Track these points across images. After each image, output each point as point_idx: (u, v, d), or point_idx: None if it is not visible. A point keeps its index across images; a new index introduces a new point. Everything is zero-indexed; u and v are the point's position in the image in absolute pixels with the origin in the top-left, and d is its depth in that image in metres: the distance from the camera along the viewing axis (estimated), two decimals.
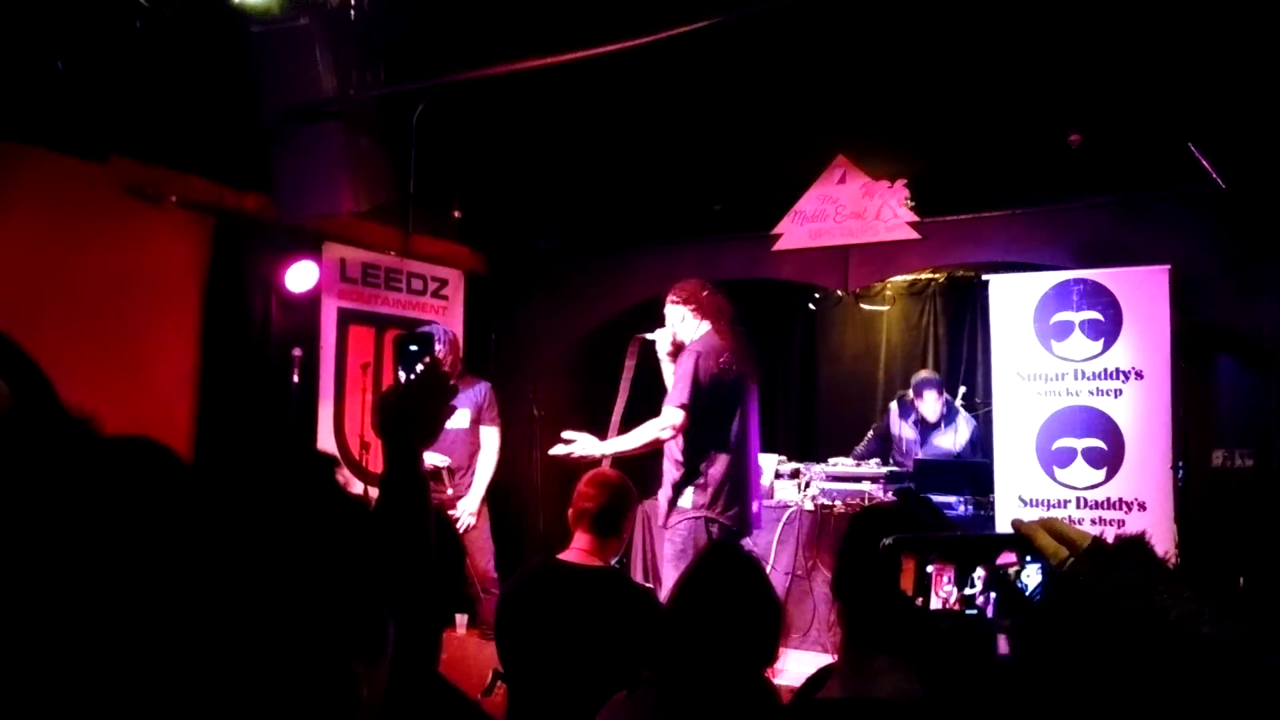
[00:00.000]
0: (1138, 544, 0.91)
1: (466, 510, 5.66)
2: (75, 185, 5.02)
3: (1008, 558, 1.02)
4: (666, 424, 4.37)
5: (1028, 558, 1.00)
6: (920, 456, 6.72)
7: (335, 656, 1.02)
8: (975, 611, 1.03)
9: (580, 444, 4.42)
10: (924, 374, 6.99)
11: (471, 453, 5.78)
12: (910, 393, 6.89)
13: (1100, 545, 0.93)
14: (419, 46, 4.90)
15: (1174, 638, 0.78)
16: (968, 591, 1.03)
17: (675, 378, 4.42)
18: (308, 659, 0.99)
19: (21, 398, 2.26)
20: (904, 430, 6.94)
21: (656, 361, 4.73)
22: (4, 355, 2.34)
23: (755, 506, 4.70)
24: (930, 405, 6.76)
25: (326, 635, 1.02)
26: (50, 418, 1.98)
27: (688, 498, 4.42)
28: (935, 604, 1.03)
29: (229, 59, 4.72)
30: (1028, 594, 0.99)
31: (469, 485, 5.74)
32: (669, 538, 4.48)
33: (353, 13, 4.37)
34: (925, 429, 6.84)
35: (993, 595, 1.02)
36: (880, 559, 1.04)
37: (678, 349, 4.59)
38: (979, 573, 1.03)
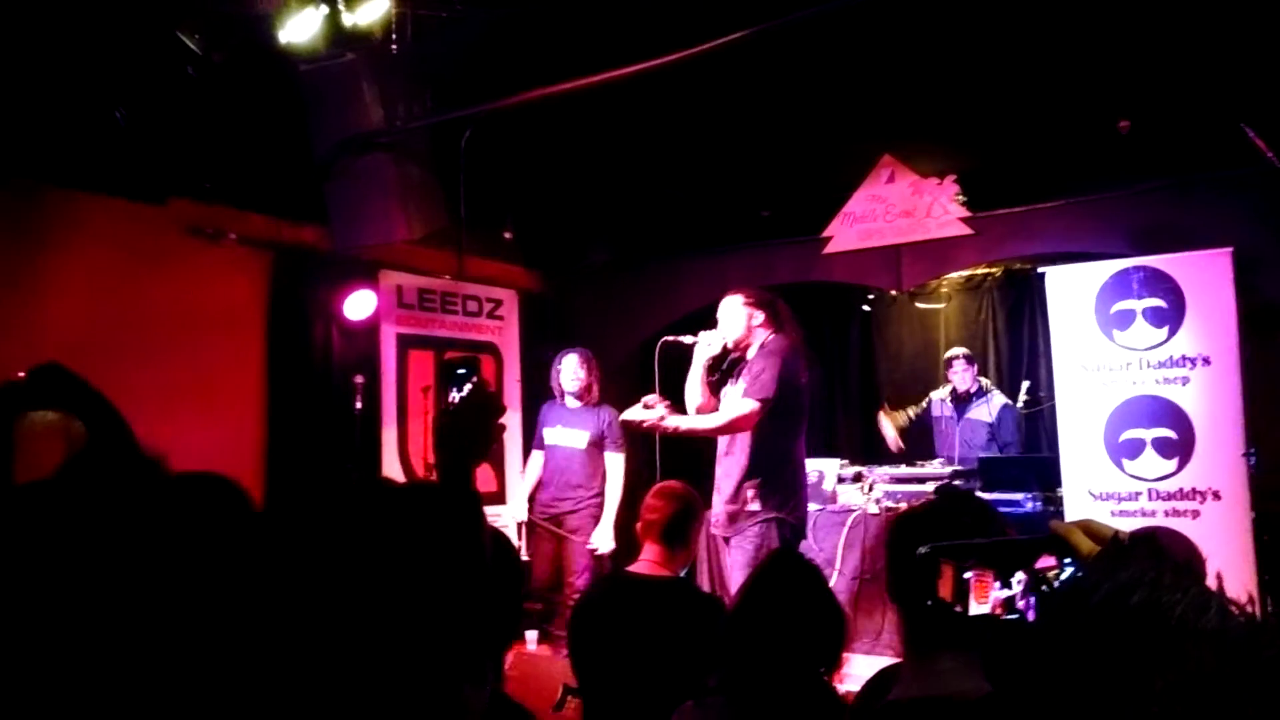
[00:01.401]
0: (1147, 539, 0.91)
1: (602, 541, 5.78)
2: (139, 229, 5.19)
3: (1047, 561, 1.02)
4: (742, 413, 4.32)
5: (1066, 560, 1.00)
6: (958, 432, 6.79)
7: (451, 683, 1.03)
8: (1016, 615, 1.03)
9: (655, 412, 4.41)
10: (952, 349, 7.12)
11: (590, 473, 5.94)
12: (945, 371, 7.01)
13: (1117, 543, 0.93)
14: (464, 73, 4.99)
15: (1178, 634, 0.78)
16: (1006, 593, 1.03)
17: (756, 373, 4.37)
18: (429, 686, 1.01)
19: (97, 437, 2.35)
20: (943, 410, 7.00)
21: (673, 365, 4.70)
22: (80, 396, 2.44)
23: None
24: (960, 374, 6.84)
25: (446, 663, 1.03)
26: (124, 456, 2.06)
27: (758, 500, 4.40)
28: (975, 609, 1.03)
29: (280, 98, 4.85)
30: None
31: (586, 502, 5.90)
32: (737, 544, 4.44)
33: (395, 46, 4.47)
34: (960, 406, 6.88)
35: (1033, 599, 1.02)
36: (919, 567, 1.05)
37: (729, 351, 4.59)
38: (1019, 576, 1.03)
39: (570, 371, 6.01)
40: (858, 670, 4.66)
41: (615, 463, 5.95)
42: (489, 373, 6.90)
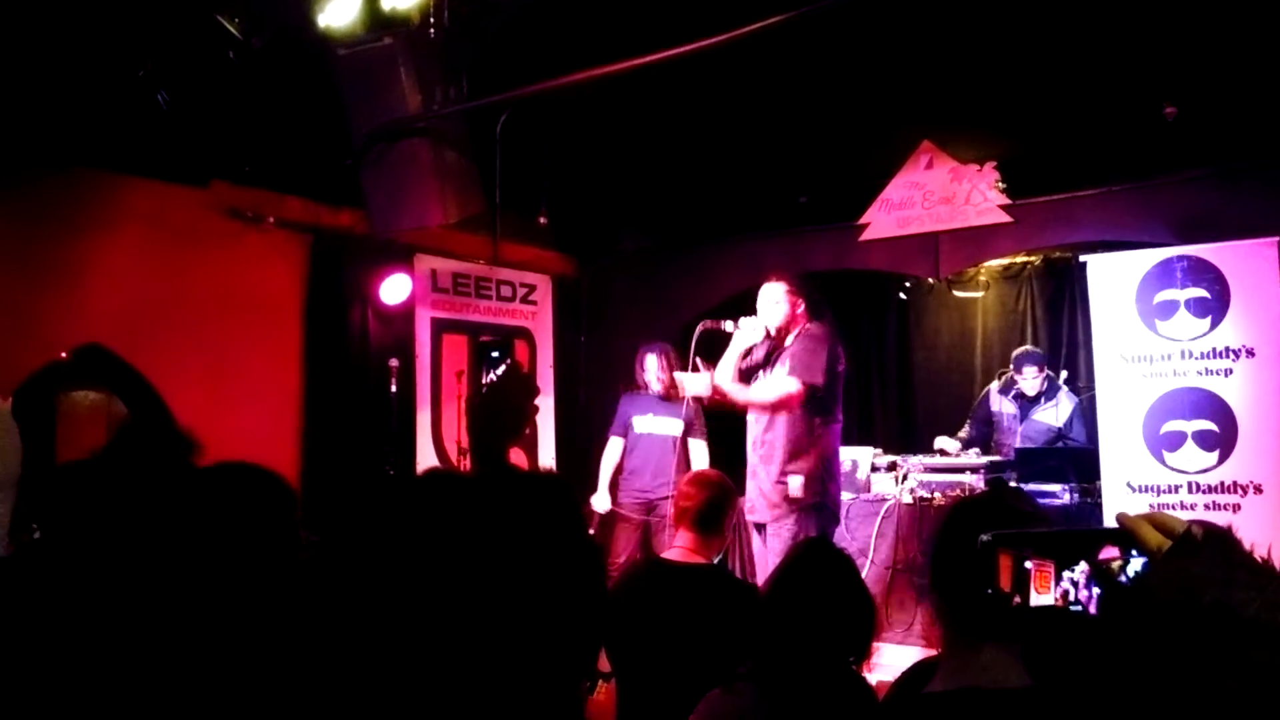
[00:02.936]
0: (1220, 536, 0.88)
1: None
2: (181, 212, 5.25)
3: (1110, 552, 0.99)
4: (789, 392, 4.40)
5: (1132, 552, 0.98)
6: (1020, 432, 6.62)
7: (570, 680, 1.02)
8: (1079, 608, 1.00)
9: (691, 382, 4.45)
10: (1025, 348, 6.90)
11: (680, 457, 5.99)
12: (1010, 368, 6.78)
13: (1189, 538, 0.90)
14: (500, 58, 4.99)
15: (1250, 633, 0.76)
16: (1065, 585, 1.01)
17: (802, 358, 4.45)
18: (552, 687, 0.98)
19: (137, 416, 2.38)
20: (1004, 406, 6.82)
21: (709, 348, 4.73)
22: (121, 376, 2.47)
23: None
24: (1030, 381, 6.63)
25: (567, 661, 1.01)
26: (163, 436, 2.08)
27: (799, 485, 4.45)
28: (1035, 601, 1.01)
29: (319, 83, 4.88)
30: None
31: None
32: (775, 531, 4.48)
33: (433, 31, 4.47)
34: (1025, 404, 6.71)
35: (1095, 591, 1.00)
36: (978, 557, 1.02)
37: (768, 338, 4.61)
38: (1080, 567, 1.00)
39: (654, 372, 6.09)
40: (889, 660, 4.66)
41: (700, 449, 6.06)
42: (523, 357, 6.93)
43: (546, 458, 6.93)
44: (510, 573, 0.95)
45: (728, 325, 4.65)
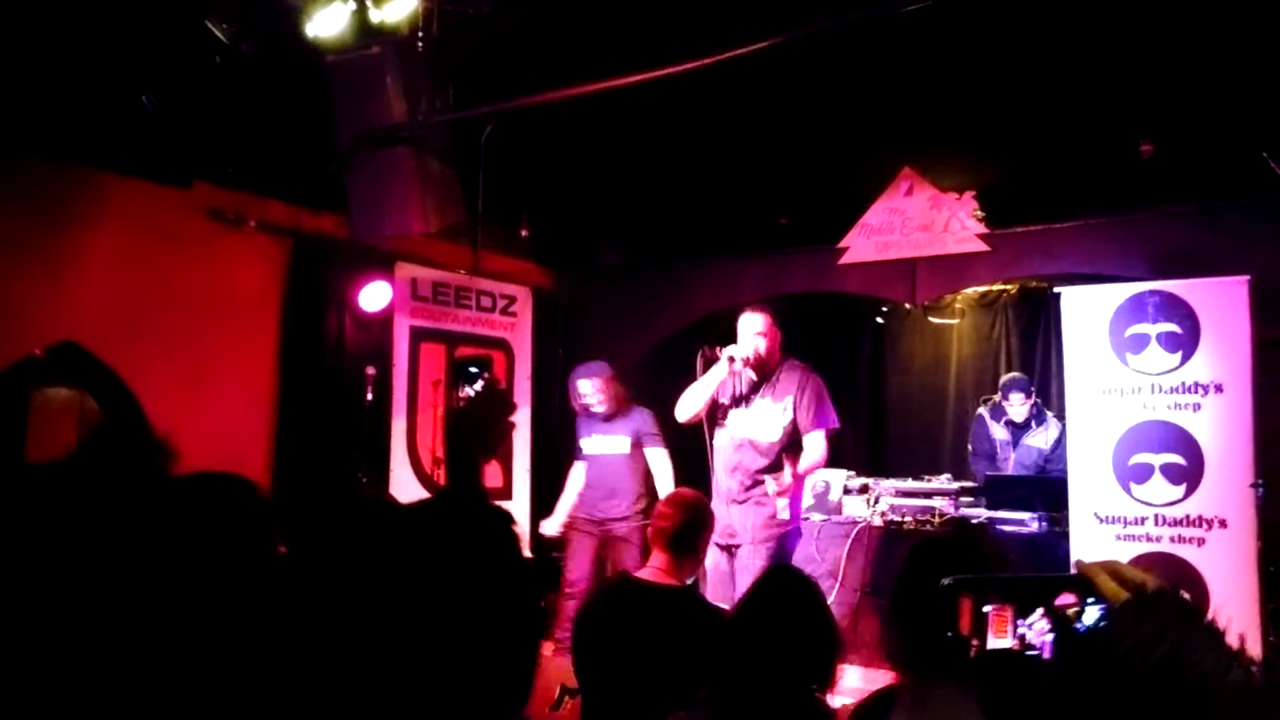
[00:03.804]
0: (1175, 593, 0.90)
1: None
2: (162, 211, 5.22)
3: (1067, 599, 1.01)
4: (823, 450, 4.73)
5: (1089, 599, 1.00)
6: (1015, 459, 6.68)
7: (500, 707, 1.01)
8: (1034, 652, 1.02)
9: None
10: (1011, 375, 7.00)
11: (634, 476, 5.89)
12: (997, 395, 6.85)
13: (1142, 594, 0.92)
14: (486, 70, 5.01)
15: (1200, 689, 0.78)
16: (1023, 629, 1.03)
17: (815, 405, 4.69)
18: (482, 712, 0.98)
19: (110, 416, 2.37)
20: (996, 431, 6.90)
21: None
22: (95, 375, 2.46)
23: None
24: (1018, 408, 6.74)
25: (502, 695, 1.01)
26: (136, 437, 2.07)
27: (785, 509, 4.64)
28: (992, 644, 1.03)
29: (305, 88, 4.88)
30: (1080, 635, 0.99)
31: (632, 509, 5.86)
32: (754, 551, 4.58)
33: (420, 42, 4.48)
34: (1016, 430, 6.82)
35: (1051, 636, 1.02)
36: (938, 599, 1.04)
37: (753, 365, 4.68)
38: (1038, 613, 1.02)
39: (592, 395, 5.88)
40: (855, 683, 4.69)
41: (659, 456, 5.87)
42: (500, 369, 6.92)
43: (521, 470, 6.93)
44: (436, 605, 0.96)
45: (722, 352, 4.68)
